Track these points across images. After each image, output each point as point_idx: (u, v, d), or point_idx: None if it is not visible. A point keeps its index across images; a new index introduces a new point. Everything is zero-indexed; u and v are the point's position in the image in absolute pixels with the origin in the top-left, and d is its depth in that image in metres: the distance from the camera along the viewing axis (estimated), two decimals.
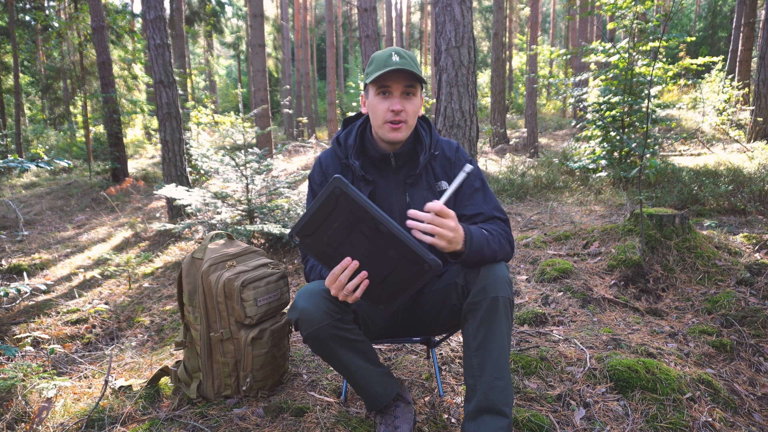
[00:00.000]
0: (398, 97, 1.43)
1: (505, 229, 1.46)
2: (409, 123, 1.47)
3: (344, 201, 1.18)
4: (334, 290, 1.26)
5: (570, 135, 13.11)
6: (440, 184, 1.54)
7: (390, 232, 1.18)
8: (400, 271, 1.24)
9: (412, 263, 1.21)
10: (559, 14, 29.49)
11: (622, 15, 6.32)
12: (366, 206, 1.18)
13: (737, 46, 11.81)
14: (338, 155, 1.56)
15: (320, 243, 1.25)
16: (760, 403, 1.83)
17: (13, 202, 8.73)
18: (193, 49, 28.16)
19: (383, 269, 1.24)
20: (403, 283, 1.25)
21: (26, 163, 2.05)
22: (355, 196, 1.17)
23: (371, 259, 1.23)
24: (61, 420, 1.64)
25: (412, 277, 1.23)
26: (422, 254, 1.18)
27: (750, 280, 2.77)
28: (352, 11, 27.37)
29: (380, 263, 1.24)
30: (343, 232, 1.22)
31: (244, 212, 4.92)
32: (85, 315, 3.83)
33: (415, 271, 1.22)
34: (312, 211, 1.21)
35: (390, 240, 1.20)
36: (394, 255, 1.21)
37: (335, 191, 1.18)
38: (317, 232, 1.24)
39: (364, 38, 6.96)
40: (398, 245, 1.20)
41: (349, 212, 1.19)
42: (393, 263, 1.23)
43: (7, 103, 14.24)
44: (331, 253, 1.25)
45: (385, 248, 1.21)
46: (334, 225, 1.22)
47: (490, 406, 1.29)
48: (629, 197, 5.35)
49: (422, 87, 1.49)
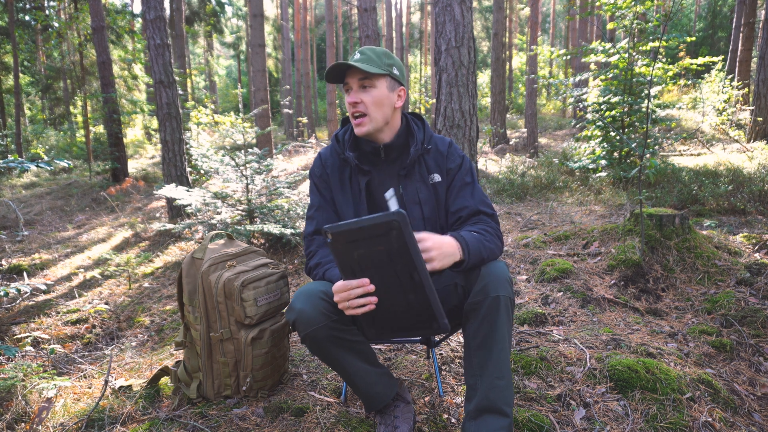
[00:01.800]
0: (354, 91, 1.50)
1: (491, 224, 1.49)
2: (372, 116, 1.50)
3: (395, 235, 1.17)
4: (338, 298, 1.26)
5: (570, 135, 13.11)
6: (432, 177, 1.57)
7: (421, 283, 1.20)
8: (408, 316, 1.26)
9: (424, 317, 1.24)
10: (559, 14, 29.49)
11: (622, 15, 6.31)
12: (412, 251, 1.18)
13: (737, 46, 11.82)
14: (337, 151, 1.60)
15: (349, 254, 1.23)
16: (760, 403, 1.83)
17: (13, 202, 8.73)
18: (193, 49, 28.16)
19: (394, 307, 1.26)
20: (405, 326, 1.28)
21: (26, 164, 2.05)
22: (408, 237, 1.16)
23: (389, 293, 1.24)
24: (61, 420, 1.64)
25: (416, 326, 1.27)
26: (438, 315, 1.21)
27: (750, 280, 2.77)
28: (352, 11, 27.37)
29: (395, 301, 1.25)
30: (375, 259, 1.21)
31: (244, 212, 4.92)
32: (85, 315, 3.83)
33: (421, 323, 1.25)
34: (359, 224, 1.17)
35: (416, 289, 1.21)
36: (412, 300, 1.23)
37: (393, 223, 1.15)
38: (353, 245, 1.21)
39: (364, 38, 6.96)
40: (421, 296, 1.21)
41: (394, 247, 1.18)
42: (406, 306, 1.24)
43: (7, 103, 14.24)
44: (353, 268, 1.24)
45: (407, 292, 1.22)
46: (373, 249, 1.20)
47: (490, 405, 1.29)
48: (629, 197, 5.35)
49: (391, 80, 1.52)
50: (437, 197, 1.57)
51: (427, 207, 1.55)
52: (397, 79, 1.54)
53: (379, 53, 1.51)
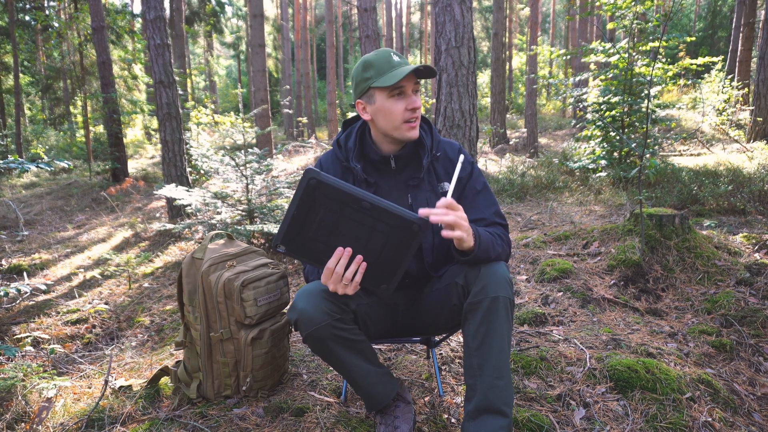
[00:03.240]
0: (412, 95, 1.45)
1: (505, 234, 1.49)
2: (420, 120, 1.50)
3: (322, 190, 1.20)
4: (332, 285, 1.26)
5: (570, 135, 13.10)
6: (443, 185, 1.54)
7: (374, 205, 1.20)
8: (392, 243, 1.25)
9: (402, 229, 1.22)
10: (559, 14, 29.49)
11: (622, 15, 6.31)
12: (345, 188, 1.20)
13: (737, 46, 11.82)
14: (339, 158, 1.56)
15: (307, 242, 1.25)
16: (760, 403, 1.83)
17: (13, 202, 8.73)
18: (193, 49, 28.16)
19: (375, 247, 1.25)
20: (398, 254, 1.26)
21: (26, 164, 2.05)
22: (332, 181, 1.19)
23: (361, 240, 1.24)
24: (61, 420, 1.64)
25: (405, 244, 1.25)
26: (409, 216, 1.21)
27: (750, 280, 2.77)
28: (352, 11, 27.36)
29: (371, 242, 1.25)
30: (327, 223, 1.23)
31: (244, 212, 4.92)
32: (85, 315, 3.83)
33: (406, 237, 1.24)
34: (292, 211, 1.21)
35: (375, 213, 1.21)
36: (383, 228, 1.23)
37: (311, 182, 1.19)
38: (302, 232, 1.24)
39: (364, 38, 6.96)
40: (385, 216, 1.21)
41: (330, 199, 1.20)
42: (383, 237, 1.24)
43: (7, 103, 14.23)
44: (320, 249, 1.26)
45: (372, 224, 1.23)
46: (317, 218, 1.22)
47: (490, 405, 1.29)
48: (629, 197, 5.35)
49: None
50: None
51: None
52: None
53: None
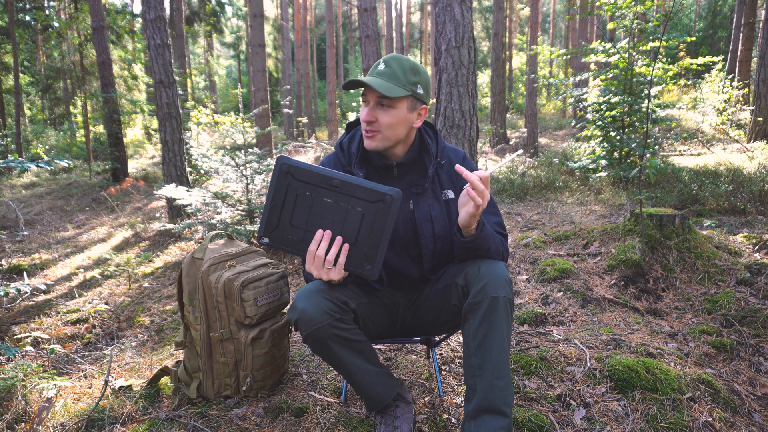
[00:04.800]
0: (371, 107, 1.41)
1: (504, 242, 1.51)
2: (385, 134, 1.42)
3: (294, 174, 1.23)
4: (316, 270, 1.28)
5: (570, 135, 13.10)
6: (446, 193, 1.54)
7: (344, 182, 1.24)
8: (368, 220, 1.27)
9: (376, 203, 1.25)
10: (559, 14, 29.48)
11: (622, 15, 6.31)
12: (315, 169, 1.23)
13: (737, 46, 11.81)
14: (341, 161, 1.55)
15: (287, 230, 1.28)
16: (760, 403, 1.83)
17: (13, 202, 8.73)
18: (193, 49, 28.15)
19: (353, 226, 1.28)
20: (377, 231, 1.28)
21: (26, 163, 2.05)
22: (302, 164, 1.23)
23: (338, 221, 1.27)
24: (61, 420, 1.64)
25: (381, 219, 1.27)
26: (381, 189, 1.24)
27: (750, 280, 2.77)
28: (352, 11, 27.36)
29: (348, 222, 1.27)
30: (304, 208, 1.26)
31: (244, 212, 4.92)
32: (85, 315, 3.83)
33: (381, 212, 1.26)
34: (269, 200, 1.25)
35: (348, 190, 1.24)
36: (358, 205, 1.25)
37: (283, 167, 1.23)
38: (281, 220, 1.27)
39: (364, 38, 6.96)
40: (358, 192, 1.24)
41: (303, 183, 1.24)
42: (359, 215, 1.26)
43: (7, 103, 14.23)
44: (300, 236, 1.29)
45: (347, 203, 1.26)
46: (294, 204, 1.26)
47: (490, 405, 1.29)
48: (629, 197, 5.35)
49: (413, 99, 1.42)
50: (449, 214, 1.52)
51: (438, 224, 1.51)
52: (420, 98, 1.43)
53: (406, 68, 1.39)
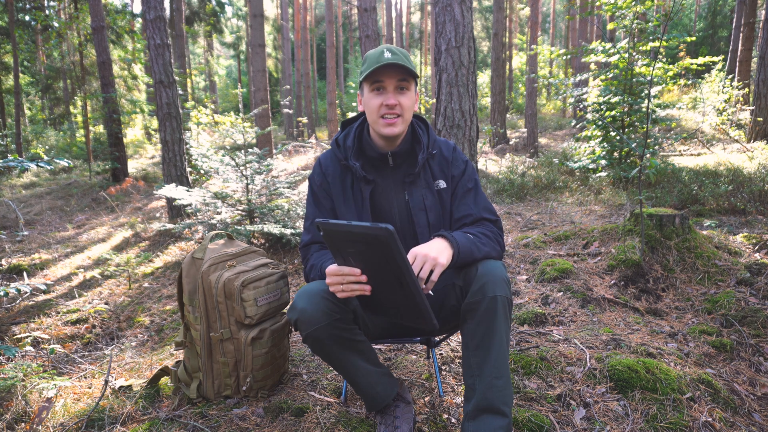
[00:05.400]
0: (392, 92, 1.46)
1: (492, 228, 1.49)
2: (405, 117, 1.49)
3: (383, 249, 1.16)
4: (331, 281, 1.29)
5: (570, 135, 13.10)
6: (438, 183, 1.56)
7: (410, 289, 1.21)
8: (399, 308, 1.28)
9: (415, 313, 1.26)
10: (559, 14, 29.48)
11: (622, 15, 6.31)
12: (400, 262, 1.16)
13: (737, 46, 11.81)
14: (338, 157, 1.57)
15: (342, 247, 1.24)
16: (760, 403, 1.83)
17: (13, 202, 8.73)
18: (193, 49, 28.15)
19: (386, 298, 1.29)
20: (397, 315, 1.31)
21: (26, 163, 2.05)
22: (396, 251, 1.15)
23: (381, 286, 1.26)
24: (61, 420, 1.64)
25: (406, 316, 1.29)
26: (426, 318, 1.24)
27: (750, 280, 2.77)
28: (352, 11, 27.36)
29: (387, 294, 1.27)
30: (366, 256, 1.22)
31: (244, 212, 4.92)
32: (85, 315, 3.83)
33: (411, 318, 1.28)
34: (349, 228, 1.16)
35: (405, 291, 1.23)
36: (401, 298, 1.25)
37: (381, 239, 1.13)
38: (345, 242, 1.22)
39: (364, 38, 6.96)
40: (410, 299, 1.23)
41: (383, 256, 1.18)
42: (396, 302, 1.27)
43: (7, 103, 14.23)
44: (345, 257, 1.27)
45: (396, 290, 1.24)
46: (363, 249, 1.21)
47: (489, 405, 1.29)
48: (629, 197, 5.35)
49: (416, 82, 1.52)
50: (442, 203, 1.56)
51: (432, 214, 1.54)
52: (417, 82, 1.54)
53: (406, 53, 1.48)
